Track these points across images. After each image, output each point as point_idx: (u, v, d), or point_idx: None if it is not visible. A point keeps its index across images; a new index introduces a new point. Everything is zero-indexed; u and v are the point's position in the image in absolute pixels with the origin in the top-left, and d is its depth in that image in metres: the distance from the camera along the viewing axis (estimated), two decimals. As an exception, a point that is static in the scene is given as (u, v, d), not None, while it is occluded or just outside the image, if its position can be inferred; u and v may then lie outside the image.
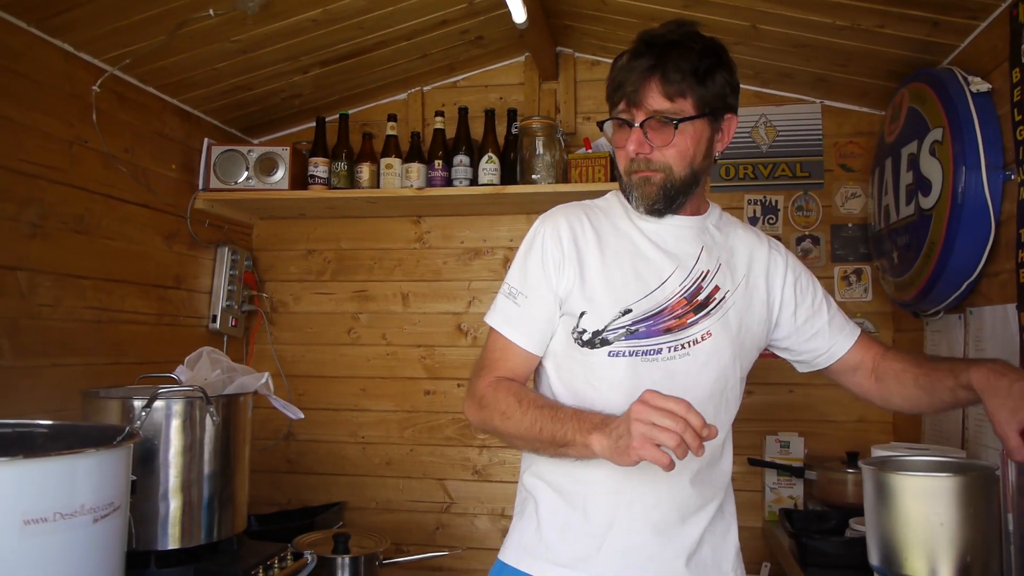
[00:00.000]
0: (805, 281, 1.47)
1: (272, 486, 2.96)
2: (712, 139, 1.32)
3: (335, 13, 2.18)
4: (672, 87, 1.25)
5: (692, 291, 1.34)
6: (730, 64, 1.32)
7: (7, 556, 1.00)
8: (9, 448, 1.34)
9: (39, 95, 1.98)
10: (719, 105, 1.29)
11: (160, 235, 2.49)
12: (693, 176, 1.31)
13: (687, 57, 1.26)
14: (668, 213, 1.35)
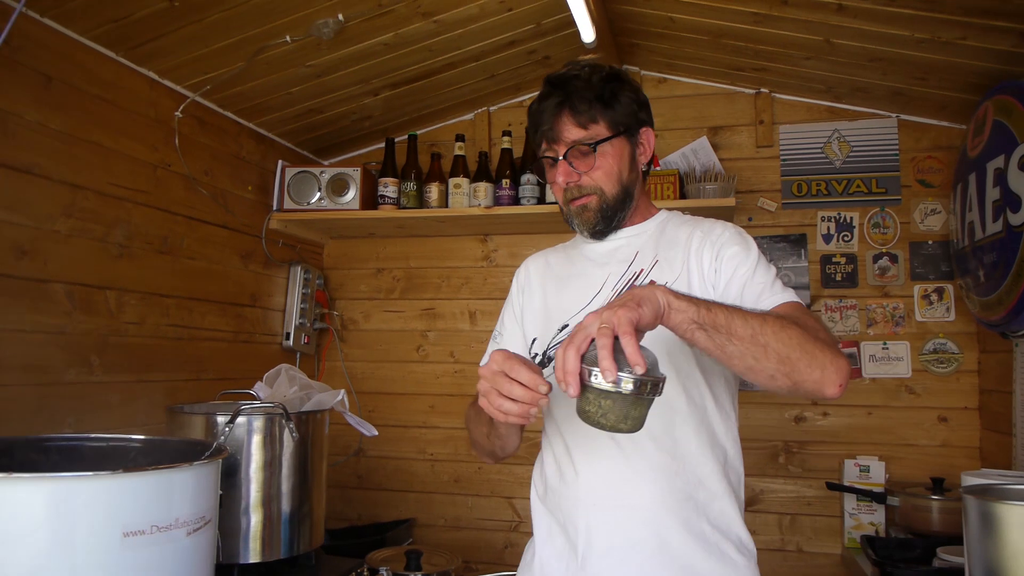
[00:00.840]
0: (728, 252, 1.33)
1: (343, 501, 2.99)
2: (633, 154, 1.41)
3: (406, 36, 2.23)
4: (583, 116, 1.36)
5: (624, 290, 1.36)
6: (633, 84, 1.42)
7: (108, 567, 1.03)
8: (104, 462, 1.39)
9: (126, 121, 2.06)
10: (631, 122, 1.39)
11: (237, 255, 2.56)
12: (624, 191, 1.39)
13: (589, 86, 1.36)
14: (610, 232, 1.43)
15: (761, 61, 2.50)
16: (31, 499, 1.02)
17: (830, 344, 1.12)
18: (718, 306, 1.06)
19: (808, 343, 1.09)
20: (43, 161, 1.79)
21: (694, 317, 1.03)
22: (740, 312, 1.07)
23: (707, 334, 1.04)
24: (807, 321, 1.16)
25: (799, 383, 1.10)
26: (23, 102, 1.74)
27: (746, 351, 1.06)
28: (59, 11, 1.78)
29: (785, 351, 1.07)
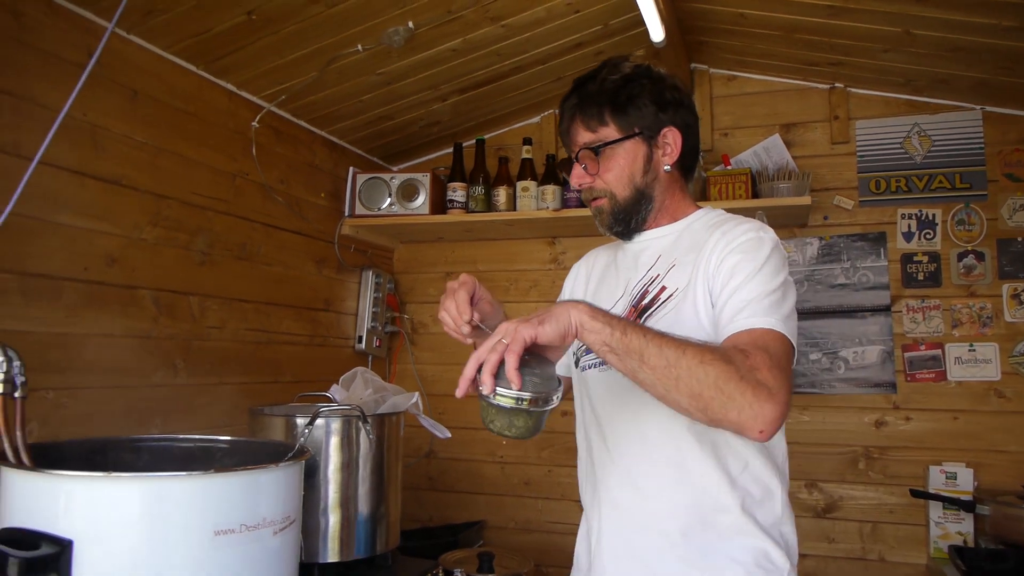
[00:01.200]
0: (730, 260, 1.26)
1: (414, 503, 3.03)
2: (650, 156, 1.37)
3: (474, 42, 2.24)
4: (592, 119, 1.36)
5: (638, 297, 1.38)
6: (660, 83, 1.38)
7: (200, 564, 1.06)
8: (193, 462, 1.43)
9: (206, 133, 2.13)
10: (648, 123, 1.36)
11: (312, 260, 2.62)
12: (639, 194, 1.38)
13: (602, 88, 1.36)
14: (633, 233, 1.42)
15: (836, 55, 2.44)
16: (128, 497, 1.06)
17: (760, 386, 1.06)
18: (637, 330, 1.07)
19: (727, 383, 1.05)
20: (130, 172, 1.87)
21: (606, 340, 1.06)
22: (659, 340, 1.07)
23: (618, 358, 1.07)
24: (746, 358, 1.08)
25: (715, 421, 1.08)
26: (112, 116, 1.82)
27: (657, 381, 1.07)
28: (144, 28, 1.85)
29: (697, 388, 1.05)
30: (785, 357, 1.14)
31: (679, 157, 1.39)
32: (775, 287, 1.21)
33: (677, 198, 1.43)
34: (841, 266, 2.67)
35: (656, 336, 1.07)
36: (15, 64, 1.59)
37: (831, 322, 2.66)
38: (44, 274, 1.65)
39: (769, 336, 1.15)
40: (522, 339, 1.01)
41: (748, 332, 1.16)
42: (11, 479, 1.10)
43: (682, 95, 1.40)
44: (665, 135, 1.37)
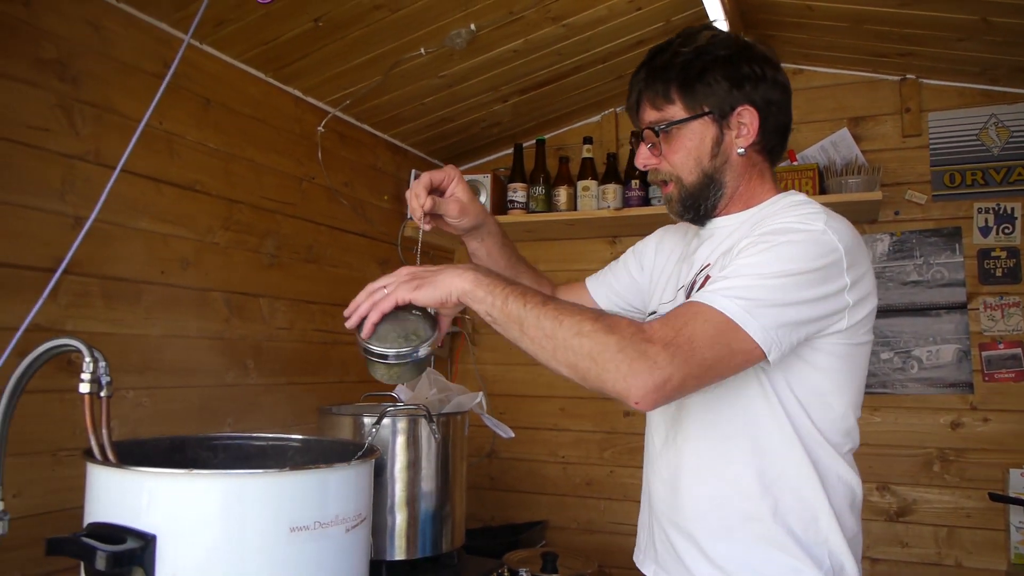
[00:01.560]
0: (742, 243, 1.16)
1: (476, 502, 3.05)
2: (720, 137, 1.25)
3: (535, 42, 2.24)
4: (657, 96, 1.26)
5: (689, 287, 1.29)
6: (736, 56, 1.24)
7: (277, 560, 1.09)
8: (266, 460, 1.47)
9: (275, 138, 2.18)
10: (719, 102, 1.24)
11: (375, 261, 2.66)
12: (707, 179, 1.27)
13: (671, 63, 1.25)
14: (705, 219, 1.33)
15: (907, 45, 2.36)
16: (208, 494, 1.09)
17: (641, 357, 0.99)
18: (518, 299, 1.07)
19: (602, 353, 1.00)
20: (204, 178, 1.93)
21: (488, 309, 1.09)
22: (539, 309, 1.06)
23: (501, 328, 1.10)
24: (639, 329, 1.02)
25: (595, 389, 1.05)
26: (186, 124, 1.88)
27: (537, 351, 1.07)
28: (216, 38, 1.91)
29: (573, 359, 1.03)
30: (706, 336, 1.02)
31: (758, 138, 1.26)
32: (770, 272, 1.07)
33: (754, 183, 1.30)
34: (913, 263, 2.59)
35: (537, 305, 1.06)
36: (96, 76, 1.65)
37: (903, 320, 2.58)
38: (124, 277, 1.71)
39: (700, 312, 1.04)
40: (394, 299, 1.12)
41: (686, 306, 1.07)
42: (97, 475, 1.15)
43: (765, 68, 1.26)
44: (740, 114, 1.24)
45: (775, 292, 1.06)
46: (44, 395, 1.52)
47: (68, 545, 1.05)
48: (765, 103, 1.25)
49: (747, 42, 1.28)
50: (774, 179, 1.33)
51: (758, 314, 1.04)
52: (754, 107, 1.24)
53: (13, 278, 1.48)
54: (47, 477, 1.54)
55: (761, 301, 1.05)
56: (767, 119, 1.25)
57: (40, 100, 1.53)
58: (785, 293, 1.07)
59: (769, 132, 1.27)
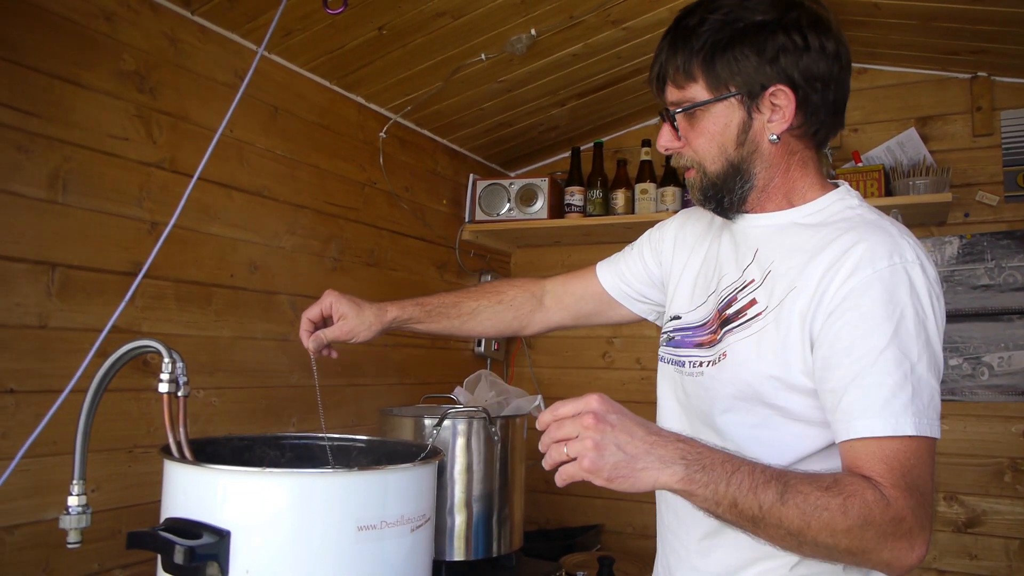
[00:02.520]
0: (843, 319, 1.00)
1: (531, 505, 3.05)
2: (749, 123, 1.08)
3: (595, 46, 2.24)
4: (678, 73, 1.08)
5: (726, 303, 1.15)
6: (773, 23, 1.05)
7: (346, 557, 1.12)
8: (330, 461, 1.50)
9: (339, 144, 2.23)
10: (747, 81, 1.06)
11: (433, 265, 2.69)
12: (733, 168, 1.11)
13: (696, 32, 1.06)
14: (731, 212, 1.16)
15: (979, 43, 2.29)
16: (279, 492, 1.12)
17: (902, 538, 0.90)
18: (748, 494, 0.89)
19: (863, 547, 0.91)
20: (271, 184, 1.98)
21: (709, 508, 0.91)
22: (778, 510, 0.89)
23: (729, 523, 0.93)
24: (886, 506, 0.90)
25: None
26: (255, 131, 1.93)
27: (776, 544, 0.93)
28: (283, 47, 1.96)
29: (824, 554, 0.93)
30: (926, 472, 0.94)
31: (797, 122, 1.08)
32: (908, 368, 0.96)
33: (794, 176, 1.13)
34: (984, 266, 2.51)
35: (775, 504, 0.89)
36: (172, 86, 1.71)
37: (973, 325, 2.50)
38: (196, 281, 1.77)
39: (906, 452, 0.94)
40: (577, 478, 0.89)
41: (877, 445, 0.94)
42: (174, 472, 1.19)
43: (809, 35, 1.05)
44: (773, 95, 1.06)
45: (921, 386, 0.98)
46: (120, 394, 1.59)
47: (147, 539, 1.10)
48: (806, 79, 1.06)
49: (794, 1, 1.07)
50: (820, 169, 1.16)
51: (925, 419, 0.96)
52: (790, 86, 1.06)
53: (94, 281, 1.55)
54: (123, 473, 1.60)
55: (921, 404, 0.96)
56: (808, 98, 1.07)
57: (120, 110, 1.60)
58: (922, 386, 0.98)
59: (813, 114, 1.08)
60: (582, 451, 0.88)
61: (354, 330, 1.43)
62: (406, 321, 1.49)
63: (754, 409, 1.09)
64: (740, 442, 1.08)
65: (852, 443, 0.96)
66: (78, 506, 1.15)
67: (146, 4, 1.65)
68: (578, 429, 0.89)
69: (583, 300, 1.53)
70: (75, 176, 1.51)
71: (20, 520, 1.40)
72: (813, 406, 1.05)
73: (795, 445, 1.07)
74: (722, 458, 0.92)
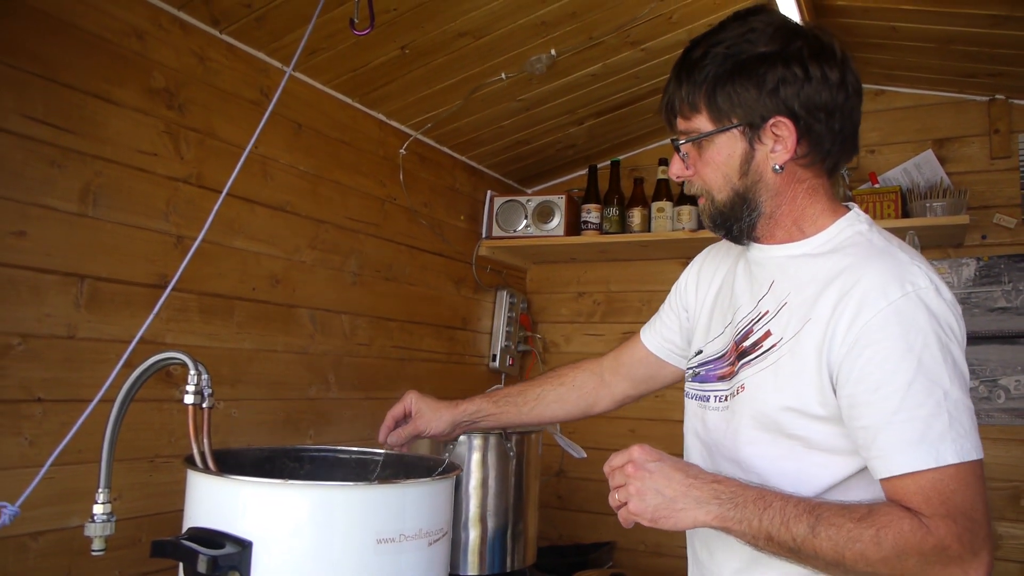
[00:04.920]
0: (864, 356, 1.00)
1: (544, 521, 3.05)
2: (751, 154, 1.10)
3: (613, 66, 2.27)
4: (684, 105, 1.12)
5: (742, 335, 1.17)
6: (771, 56, 1.06)
7: (365, 570, 1.13)
8: (350, 473, 1.52)
9: (360, 160, 2.26)
10: (747, 113, 1.08)
11: (451, 280, 2.72)
12: (739, 198, 1.12)
13: (700, 64, 1.09)
14: (741, 239, 1.18)
15: (997, 66, 2.30)
16: (300, 503, 1.14)
17: (946, 566, 0.92)
18: (782, 527, 0.96)
19: (896, 565, 0.92)
20: (293, 199, 2.01)
21: (747, 541, 1.00)
22: (812, 542, 0.94)
23: (773, 555, 1.00)
24: (926, 535, 0.92)
25: None
26: (278, 147, 1.97)
27: (827, 572, 0.98)
28: (308, 65, 2.00)
29: None
30: (972, 495, 0.94)
31: (801, 152, 1.09)
32: (940, 395, 0.96)
33: (802, 204, 1.13)
34: (1002, 288, 2.50)
35: (807, 536, 0.95)
36: (200, 103, 1.75)
37: (990, 348, 2.50)
38: (219, 294, 1.80)
39: (944, 480, 0.94)
40: (631, 522, 1.06)
41: (913, 479, 0.95)
42: (198, 482, 1.21)
43: (811, 65, 1.06)
44: (775, 126, 1.08)
45: (955, 412, 0.96)
46: (143, 404, 1.61)
47: (171, 548, 1.12)
48: (808, 110, 1.07)
49: (796, 30, 1.09)
50: (831, 195, 1.16)
51: (965, 442, 0.96)
52: (791, 117, 1.07)
53: (121, 293, 1.58)
54: (145, 482, 1.63)
55: (958, 431, 0.95)
56: (811, 128, 1.08)
57: (150, 127, 1.64)
58: (957, 411, 0.97)
59: (817, 143, 1.09)
60: (627, 497, 1.04)
61: (428, 423, 1.51)
62: (475, 413, 1.56)
63: (777, 441, 1.11)
64: (765, 475, 1.09)
65: (891, 481, 0.98)
66: (103, 514, 1.17)
67: (176, 23, 1.70)
68: (623, 478, 1.04)
69: (636, 367, 1.54)
70: (105, 190, 1.55)
71: (45, 527, 1.43)
72: (835, 434, 1.05)
73: (820, 475, 1.07)
74: (755, 495, 0.99)
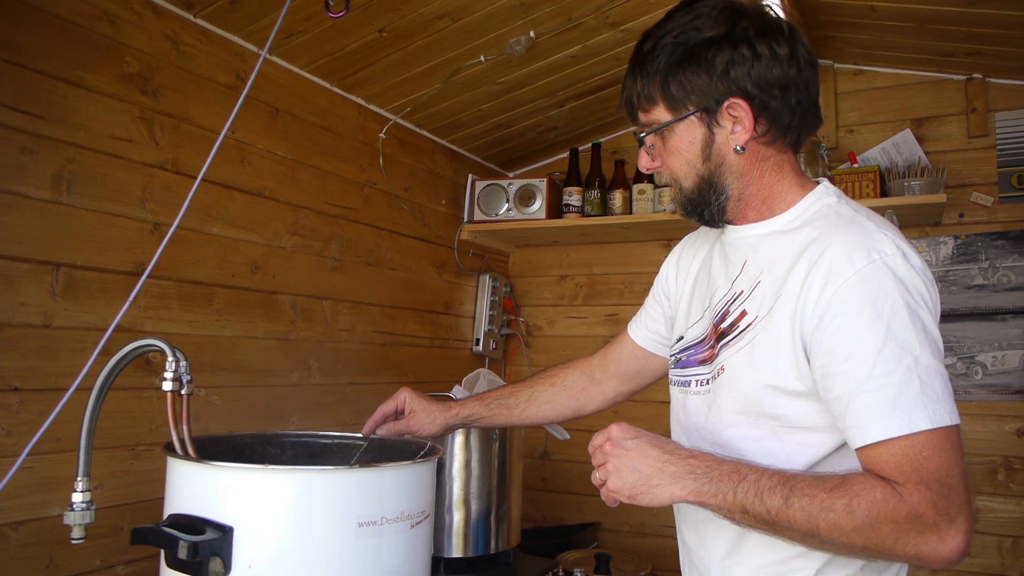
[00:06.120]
0: (832, 326, 1.00)
1: (528, 503, 3.07)
2: (711, 138, 1.11)
3: (593, 48, 2.26)
4: (642, 99, 1.13)
5: (720, 316, 1.18)
6: (717, 40, 1.07)
7: (346, 553, 1.14)
8: (332, 457, 1.52)
9: (339, 145, 2.25)
10: (702, 98, 1.09)
11: (432, 265, 2.71)
12: (705, 183, 1.14)
13: (651, 55, 1.11)
14: (714, 223, 1.20)
15: (974, 45, 2.31)
16: (280, 488, 1.14)
17: (924, 533, 0.91)
18: (756, 499, 0.97)
19: (881, 545, 0.93)
20: (272, 184, 2.00)
21: (724, 515, 1.01)
22: (785, 513, 0.95)
23: (750, 528, 1.01)
24: (899, 502, 0.91)
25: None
26: (256, 133, 1.95)
27: (802, 543, 0.99)
28: (284, 49, 1.97)
29: (847, 552, 0.98)
30: (947, 461, 0.92)
31: (760, 130, 1.10)
32: (910, 362, 0.96)
33: (770, 181, 1.14)
34: (979, 266, 2.53)
35: (780, 508, 0.96)
36: (174, 88, 1.73)
37: (967, 325, 2.53)
38: (198, 281, 1.79)
39: (916, 447, 0.93)
40: (612, 500, 1.09)
41: (886, 447, 0.94)
42: (178, 469, 1.21)
43: (758, 44, 1.07)
44: (730, 107, 1.08)
45: (928, 377, 0.96)
46: (123, 392, 1.61)
47: (151, 535, 1.12)
48: (761, 88, 1.07)
49: (740, 10, 1.10)
50: (798, 170, 1.17)
51: (938, 407, 0.95)
52: (744, 97, 1.08)
53: (97, 281, 1.56)
54: (126, 470, 1.62)
55: (931, 395, 0.95)
56: (767, 106, 1.08)
57: (124, 112, 1.62)
58: (929, 375, 0.96)
59: (775, 120, 1.09)
60: (605, 475, 1.06)
61: (420, 423, 1.51)
62: (469, 416, 1.56)
63: (758, 422, 1.11)
64: (748, 456, 1.09)
65: (865, 450, 0.97)
66: (83, 502, 1.17)
67: (148, 7, 1.67)
68: (603, 456, 1.06)
69: (624, 362, 1.55)
70: (79, 177, 1.53)
71: (24, 517, 1.42)
72: (814, 410, 1.06)
73: (803, 454, 1.08)
74: (730, 468, 1.00)
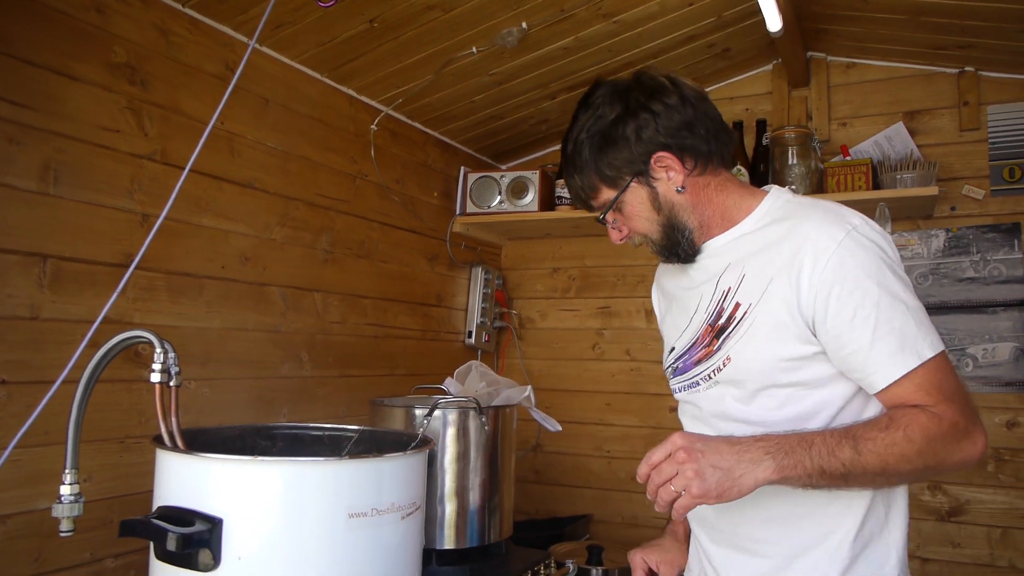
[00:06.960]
0: (832, 307, 1.14)
1: (521, 495, 3.08)
2: (654, 192, 1.26)
3: (586, 39, 2.26)
4: (585, 191, 1.31)
5: (715, 315, 1.29)
6: (620, 118, 1.23)
7: (336, 543, 1.14)
8: (323, 449, 1.52)
9: (330, 136, 2.23)
10: (632, 166, 1.24)
11: (424, 257, 2.71)
12: (668, 228, 1.28)
13: (577, 153, 1.28)
14: (690, 257, 1.33)
15: (967, 38, 2.32)
16: (270, 480, 1.14)
17: (962, 439, 1.10)
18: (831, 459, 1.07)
19: (942, 461, 1.10)
20: (262, 176, 1.99)
21: (805, 484, 1.09)
22: (859, 462, 1.07)
23: (825, 487, 1.11)
24: (939, 422, 1.09)
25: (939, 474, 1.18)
26: (245, 123, 1.94)
27: (871, 484, 1.15)
28: (274, 40, 1.96)
29: (912, 477, 1.14)
30: (954, 378, 1.14)
31: (690, 167, 1.25)
32: (903, 306, 1.14)
33: (719, 200, 1.29)
34: (970, 259, 2.54)
35: (853, 460, 1.07)
36: (163, 78, 1.72)
37: (958, 317, 2.54)
38: (187, 272, 1.78)
39: (931, 372, 1.12)
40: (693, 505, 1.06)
41: (909, 379, 1.11)
42: (167, 461, 1.21)
43: (652, 102, 1.23)
44: (658, 161, 1.24)
45: (917, 318, 1.14)
46: (112, 384, 1.60)
47: (140, 527, 1.11)
48: (672, 135, 1.23)
49: (627, 86, 1.26)
50: (740, 184, 1.32)
51: (931, 337, 1.14)
52: (663, 149, 1.23)
53: (85, 273, 1.55)
54: (115, 463, 1.61)
55: (923, 332, 1.13)
56: (684, 145, 1.24)
57: (112, 103, 1.60)
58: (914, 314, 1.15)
59: (695, 152, 1.25)
60: (687, 483, 1.05)
61: (684, 556, 1.46)
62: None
63: (773, 392, 1.21)
64: (770, 425, 1.20)
65: (890, 389, 1.12)
66: (71, 495, 1.16)
67: (137, -4, 1.66)
68: (675, 467, 1.06)
69: None
70: (66, 168, 1.52)
71: (12, 510, 1.41)
72: (821, 368, 1.18)
73: (822, 411, 1.19)
74: (797, 439, 1.09)
